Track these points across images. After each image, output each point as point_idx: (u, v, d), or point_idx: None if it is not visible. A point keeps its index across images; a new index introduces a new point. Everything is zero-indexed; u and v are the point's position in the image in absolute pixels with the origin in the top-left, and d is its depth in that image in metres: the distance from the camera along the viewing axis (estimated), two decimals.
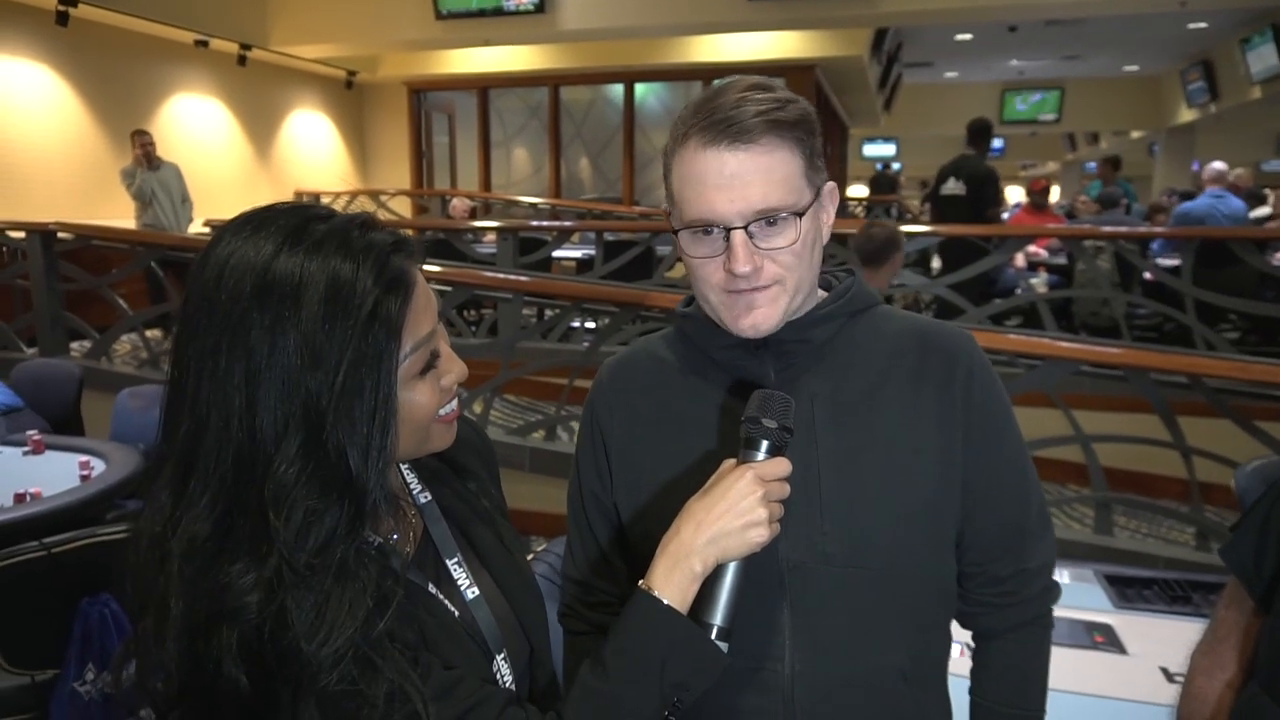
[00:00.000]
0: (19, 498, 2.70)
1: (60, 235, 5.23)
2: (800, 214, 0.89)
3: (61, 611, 2.05)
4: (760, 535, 0.81)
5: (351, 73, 10.96)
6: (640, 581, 0.83)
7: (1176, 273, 5.54)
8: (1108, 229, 6.04)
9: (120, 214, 7.05)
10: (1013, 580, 1.01)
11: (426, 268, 4.72)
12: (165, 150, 7.34)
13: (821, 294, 1.01)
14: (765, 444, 0.84)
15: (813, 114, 0.92)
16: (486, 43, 9.20)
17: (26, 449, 3.29)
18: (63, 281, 5.26)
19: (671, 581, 0.80)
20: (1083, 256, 5.66)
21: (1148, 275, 5.75)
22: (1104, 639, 1.79)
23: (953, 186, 6.01)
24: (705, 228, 0.89)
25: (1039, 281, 6.20)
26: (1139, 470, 4.00)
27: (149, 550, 0.72)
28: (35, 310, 5.25)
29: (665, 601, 0.80)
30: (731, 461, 0.85)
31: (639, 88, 10.41)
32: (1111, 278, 5.72)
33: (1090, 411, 3.80)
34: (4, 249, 5.65)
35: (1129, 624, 1.83)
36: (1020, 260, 6.36)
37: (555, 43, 9.75)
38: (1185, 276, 5.37)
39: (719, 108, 0.87)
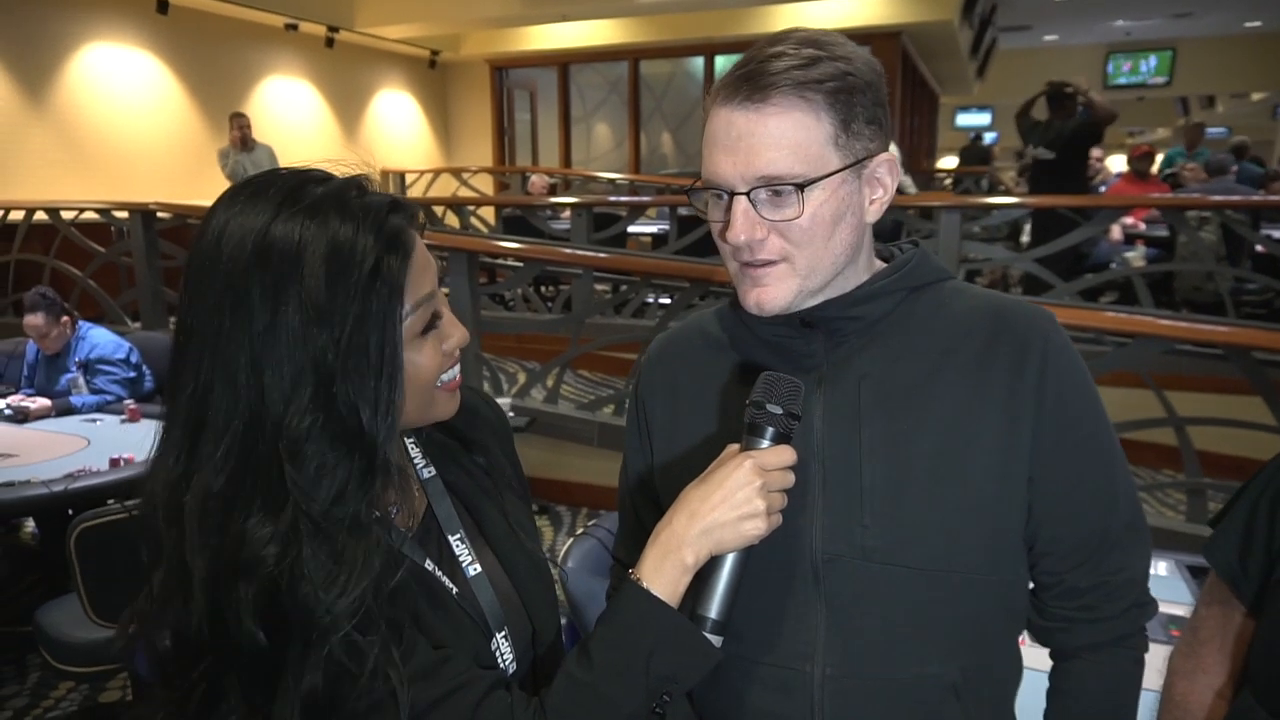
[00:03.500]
0: (114, 462, 2.87)
1: (159, 215, 5.51)
2: (804, 186, 0.80)
3: (145, 568, 2.18)
4: (756, 528, 0.77)
5: (435, 52, 11.13)
6: (630, 571, 0.80)
7: None
8: (1215, 198, 5.65)
9: (216, 194, 7.35)
10: (1093, 593, 0.90)
11: (502, 243, 4.85)
12: (258, 132, 7.62)
13: (880, 267, 0.93)
14: (770, 431, 0.80)
15: (856, 74, 0.81)
16: (564, 18, 9.20)
17: (123, 417, 3.50)
18: (162, 259, 5.55)
19: (662, 572, 0.78)
20: (1184, 228, 5.32)
21: (1259, 248, 5.37)
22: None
23: (1037, 151, 5.78)
24: (714, 191, 0.84)
25: (1135, 255, 5.86)
26: (1240, 455, 3.76)
27: (162, 508, 0.74)
28: (138, 286, 5.56)
29: (654, 593, 0.77)
30: (734, 448, 0.81)
31: (719, 60, 10.24)
32: (1217, 251, 5.36)
33: (1186, 393, 3.58)
34: (110, 228, 5.97)
35: None
36: (1116, 233, 6.02)
37: (634, 16, 9.67)
38: None
39: (750, 59, 0.81)
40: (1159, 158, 8.67)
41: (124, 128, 7.63)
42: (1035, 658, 0.98)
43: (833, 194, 0.82)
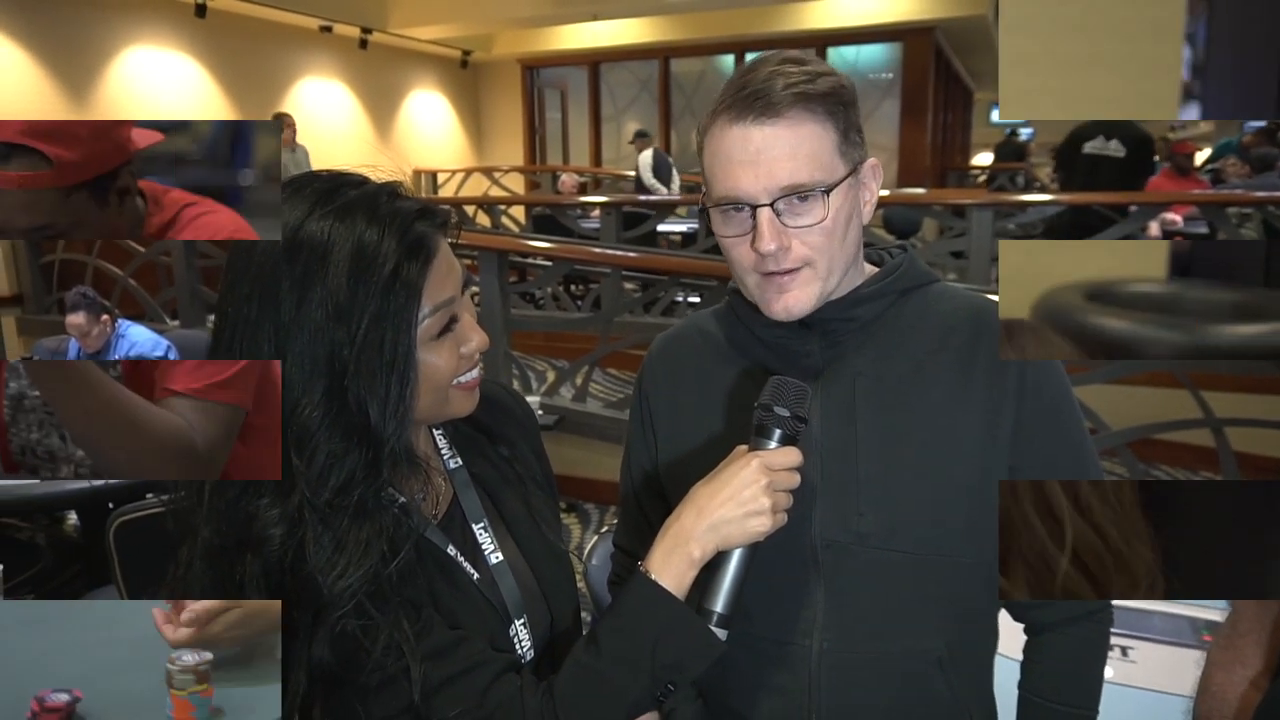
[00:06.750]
0: None
1: None
2: (828, 190, 0.86)
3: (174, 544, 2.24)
4: (762, 525, 0.81)
5: (467, 52, 11.21)
6: (640, 563, 0.84)
7: None
8: (1258, 194, 5.52)
9: None
10: None
11: (532, 243, 4.88)
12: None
13: (872, 271, 0.99)
14: (777, 433, 0.83)
15: (848, 86, 0.90)
16: (595, 17, 9.23)
17: None
18: (200, 258, 5.65)
19: (669, 565, 0.81)
20: (1224, 225, 5.20)
21: None
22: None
23: (1102, 145, 5.49)
24: (734, 206, 0.88)
25: None
26: None
27: (185, 485, 0.79)
28: (176, 285, 5.67)
29: (661, 584, 0.80)
30: (743, 448, 0.85)
31: (750, 58, 10.19)
32: None
33: (1224, 393, 3.51)
34: None
35: None
36: (1155, 229, 5.90)
37: (664, 14, 9.67)
38: None
39: (749, 83, 0.86)
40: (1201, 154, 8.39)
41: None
42: (1008, 644, 1.05)
43: (844, 198, 0.89)
